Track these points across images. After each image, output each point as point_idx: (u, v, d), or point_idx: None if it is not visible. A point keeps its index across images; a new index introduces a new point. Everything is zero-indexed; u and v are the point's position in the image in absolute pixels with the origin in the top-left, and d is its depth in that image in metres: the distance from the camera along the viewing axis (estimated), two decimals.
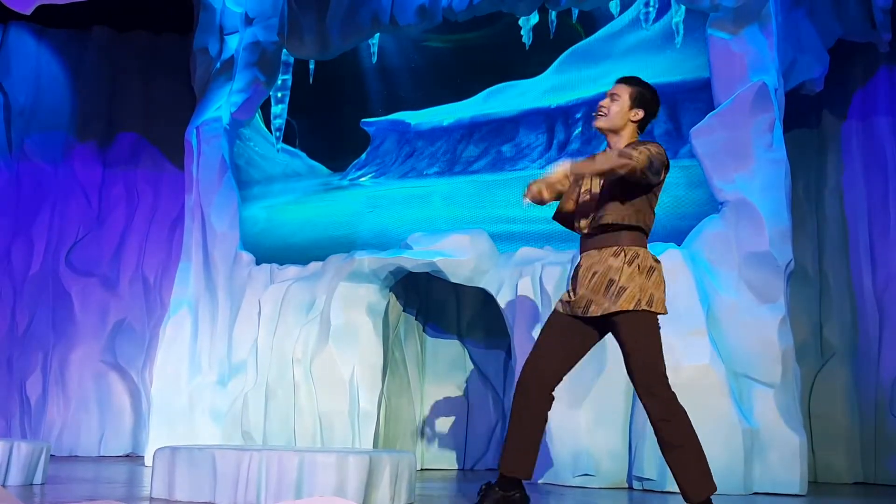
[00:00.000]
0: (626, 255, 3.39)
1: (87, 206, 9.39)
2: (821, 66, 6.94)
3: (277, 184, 8.60)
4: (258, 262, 7.74)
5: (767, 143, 6.04)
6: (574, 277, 3.57)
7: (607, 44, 7.30)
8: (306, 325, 7.00)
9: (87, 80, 9.64)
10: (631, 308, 3.35)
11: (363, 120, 8.29)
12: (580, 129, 7.29)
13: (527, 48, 7.64)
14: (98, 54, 9.73)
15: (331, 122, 8.50)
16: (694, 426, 3.49)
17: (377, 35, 8.16)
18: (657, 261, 3.47)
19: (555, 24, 7.52)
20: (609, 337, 5.76)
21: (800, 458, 5.57)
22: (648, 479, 5.56)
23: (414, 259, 6.73)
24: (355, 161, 8.31)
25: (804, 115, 7.46)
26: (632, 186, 3.42)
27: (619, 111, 3.52)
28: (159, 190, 9.58)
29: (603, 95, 3.66)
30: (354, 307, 6.88)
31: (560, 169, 3.36)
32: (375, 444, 6.62)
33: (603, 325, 3.56)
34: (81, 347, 8.92)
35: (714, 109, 6.17)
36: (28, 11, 6.35)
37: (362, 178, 8.25)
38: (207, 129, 8.13)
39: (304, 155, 8.62)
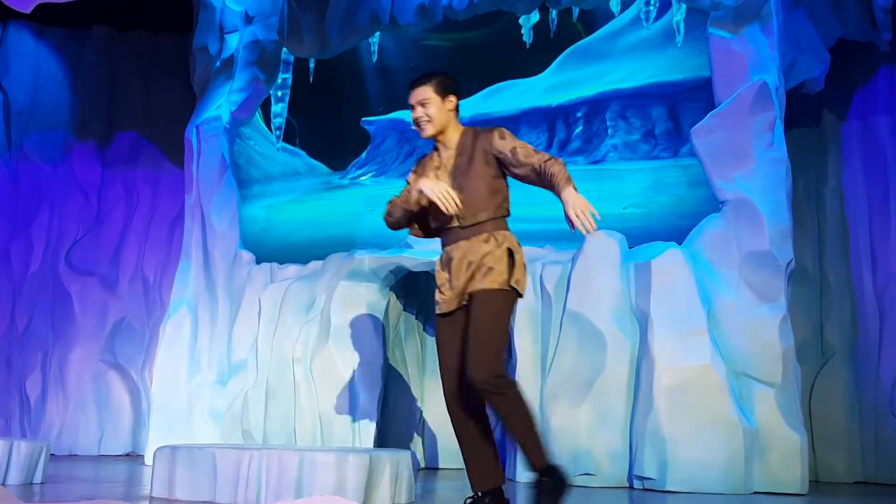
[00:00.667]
0: (496, 240, 3.44)
1: (87, 206, 9.38)
2: (821, 66, 6.93)
3: (277, 183, 8.59)
4: (258, 262, 7.73)
5: (768, 142, 6.04)
6: (446, 272, 3.50)
7: (608, 42, 7.29)
8: (306, 324, 6.99)
9: (86, 79, 9.63)
10: (496, 287, 3.36)
11: (363, 119, 8.28)
12: (581, 127, 7.27)
13: (527, 47, 7.63)
14: (97, 53, 9.72)
15: (331, 121, 8.49)
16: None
17: (377, 34, 8.15)
18: (520, 247, 3.53)
19: (555, 22, 7.51)
20: (611, 337, 5.77)
21: (800, 458, 5.57)
22: (649, 479, 5.56)
23: (414, 258, 6.72)
24: (355, 160, 8.30)
25: (804, 115, 7.45)
26: (496, 180, 3.53)
27: (437, 111, 3.55)
28: (159, 189, 9.57)
29: (604, 94, 3.69)
30: (354, 306, 6.87)
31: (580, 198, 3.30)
32: (375, 444, 6.61)
33: None
34: (81, 347, 8.91)
35: (715, 108, 6.17)
36: (28, 10, 6.34)
37: (362, 177, 8.24)
38: (207, 128, 8.12)
39: (304, 154, 8.61)
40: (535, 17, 7.57)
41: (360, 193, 8.16)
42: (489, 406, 3.39)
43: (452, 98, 3.57)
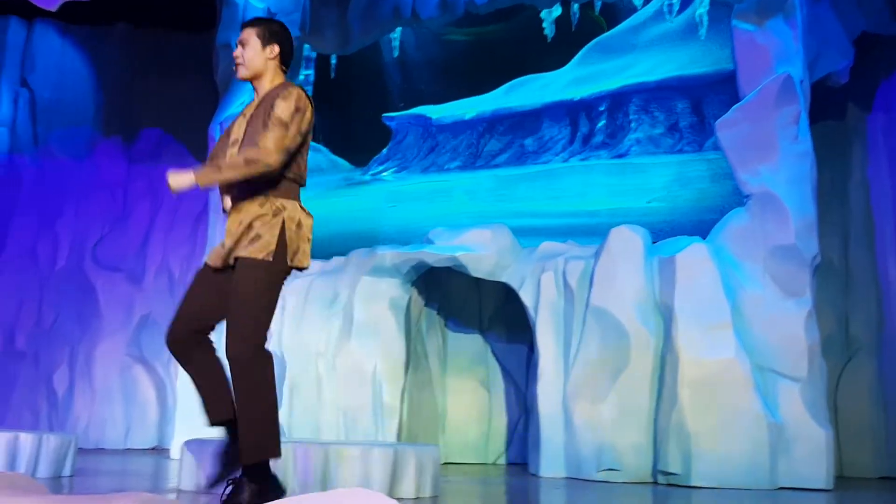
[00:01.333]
0: (271, 206, 3.19)
1: (112, 202, 9.48)
2: (845, 59, 6.86)
3: None
4: None
5: (793, 135, 5.98)
6: (227, 230, 3.32)
7: (630, 36, 7.25)
8: (329, 319, 7.03)
9: (109, 76, 9.73)
10: (260, 257, 3.14)
11: (384, 114, 8.30)
12: (604, 121, 7.25)
13: (549, 41, 7.61)
14: (120, 51, 9.81)
15: (352, 117, 8.52)
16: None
17: (398, 29, 8.16)
18: (308, 215, 3.33)
19: (577, 16, 7.48)
20: (635, 332, 5.75)
21: (826, 453, 5.53)
22: (673, 474, 5.54)
23: (436, 254, 6.74)
24: (377, 156, 8.32)
25: (829, 108, 7.37)
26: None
27: (254, 54, 3.33)
28: None
29: (627, 88, 3.62)
30: (376, 302, 6.90)
31: (186, 181, 3.11)
32: (398, 438, 6.63)
33: None
34: (107, 341, 9.00)
35: (739, 102, 6.12)
36: (54, 8, 6.40)
37: (384, 173, 8.26)
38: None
39: (326, 150, 8.64)
40: (556, 10, 7.54)
41: (382, 189, 8.18)
42: (238, 382, 3.12)
43: (275, 47, 3.34)
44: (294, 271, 3.28)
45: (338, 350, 6.89)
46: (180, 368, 7.95)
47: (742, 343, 5.66)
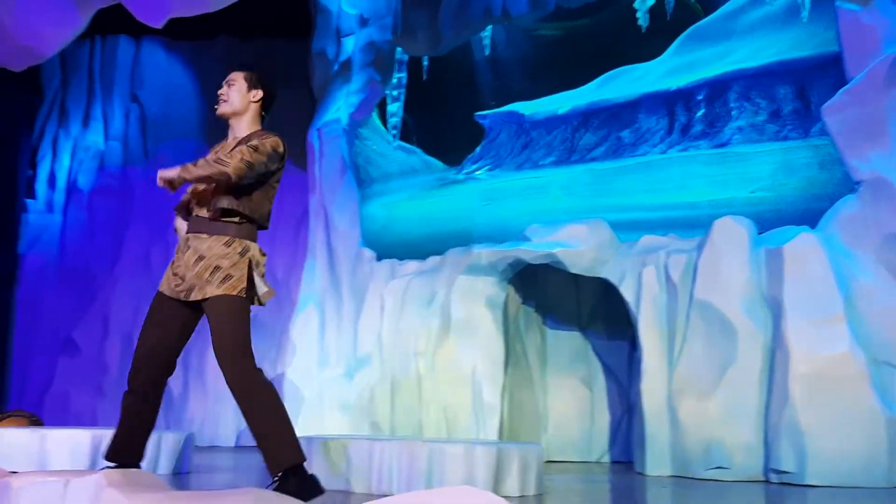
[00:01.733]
0: (238, 246, 3.38)
1: None
2: None
3: (395, 181, 8.76)
4: (379, 258, 7.91)
5: None
6: (181, 256, 3.43)
7: (728, 22, 7.03)
8: (427, 318, 7.10)
9: (212, 88, 10.08)
10: (234, 294, 3.32)
11: (477, 113, 8.32)
12: (703, 110, 7.05)
13: (643, 31, 7.46)
14: (222, 63, 10.18)
15: (445, 117, 8.58)
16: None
17: (489, 27, 8.17)
18: (263, 254, 3.50)
19: (672, 4, 7.31)
20: (742, 326, 5.57)
21: None
22: (786, 473, 5.35)
23: (532, 251, 6.71)
24: (470, 154, 8.35)
25: None
26: (253, 181, 3.42)
27: (238, 95, 3.54)
28: (283, 191, 9.83)
29: (726, 75, 3.55)
30: (474, 300, 6.92)
31: (171, 174, 3.32)
32: (500, 436, 6.64)
33: (200, 307, 3.44)
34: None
35: (846, 85, 5.85)
36: (160, 25, 6.70)
37: (477, 172, 8.28)
38: (328, 130, 8.37)
39: (420, 151, 8.73)
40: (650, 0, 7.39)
41: (476, 188, 8.21)
42: (245, 409, 3.32)
43: (259, 92, 3.57)
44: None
45: (437, 349, 6.95)
46: (287, 367, 8.17)
47: (856, 336, 5.40)
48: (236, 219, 3.39)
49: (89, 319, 9.85)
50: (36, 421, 6.51)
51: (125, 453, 3.39)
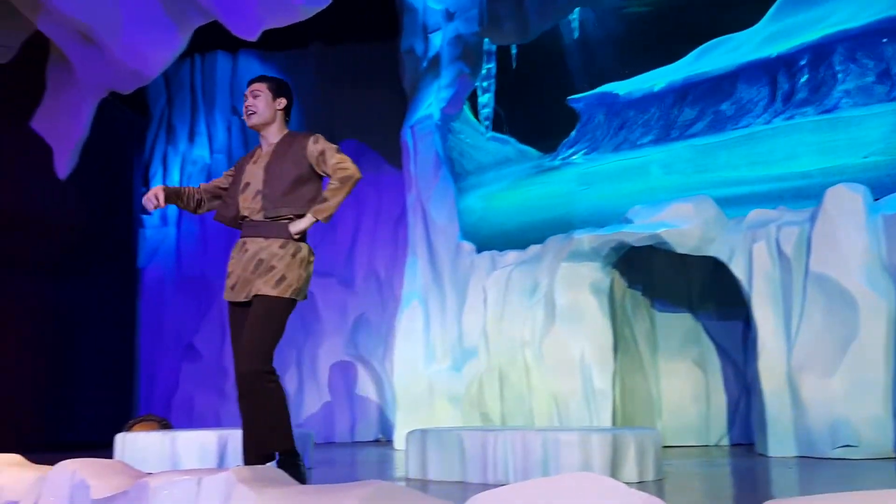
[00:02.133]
0: (292, 247, 3.54)
1: None
2: None
3: (490, 172, 8.76)
4: (479, 250, 7.93)
5: None
6: (238, 259, 3.58)
7: None
8: (532, 307, 7.07)
9: (307, 94, 10.37)
10: (286, 296, 3.50)
11: (570, 97, 8.22)
12: (806, 76, 6.74)
13: None
14: (315, 69, 10.43)
15: (537, 104, 8.52)
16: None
17: (576, 10, 8.05)
18: (312, 253, 3.66)
19: None
20: (863, 297, 5.32)
21: None
22: None
23: (636, 233, 6.57)
24: (565, 140, 8.26)
25: None
26: (306, 181, 3.60)
27: (265, 105, 3.69)
28: (381, 191, 10.11)
29: (829, 38, 3.40)
30: (578, 287, 6.84)
31: (306, 223, 3.55)
32: (613, 422, 6.56)
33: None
34: (327, 342, 9.62)
35: None
36: (254, 37, 6.90)
37: (574, 156, 8.18)
38: (421, 127, 8.44)
39: (513, 140, 8.70)
40: None
41: (573, 172, 8.11)
42: (248, 394, 3.47)
43: (283, 100, 3.76)
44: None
45: (543, 338, 6.91)
46: (395, 363, 8.33)
47: None
48: (288, 219, 3.57)
49: (208, 325, 10.29)
50: (165, 424, 6.85)
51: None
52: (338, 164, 3.59)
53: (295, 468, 3.43)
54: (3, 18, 7.86)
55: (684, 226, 6.37)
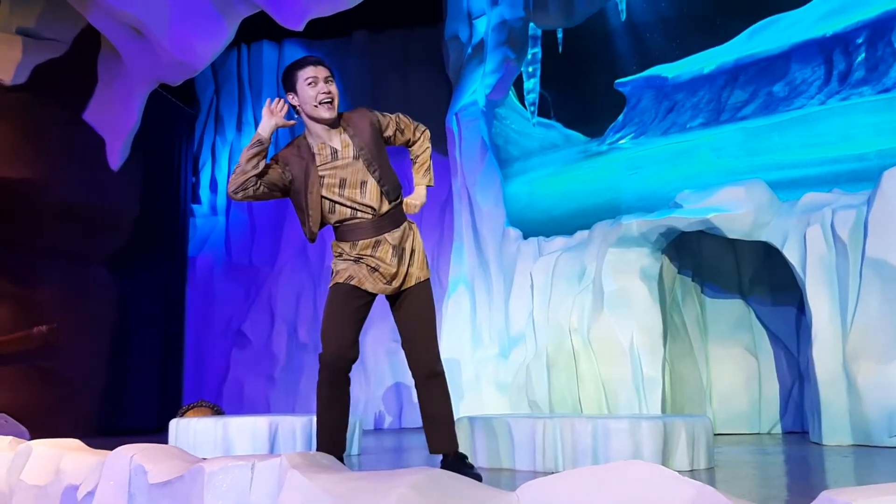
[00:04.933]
0: (413, 225, 3.52)
1: None
2: None
3: (536, 157, 8.70)
4: (525, 236, 7.89)
5: None
6: (381, 257, 3.39)
7: None
8: (579, 293, 7.01)
9: (354, 83, 10.41)
10: (428, 277, 3.51)
11: (617, 81, 8.11)
12: (863, 55, 6.54)
13: None
14: (359, 57, 10.45)
15: (583, 89, 8.42)
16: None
17: None
18: None
19: None
20: None
21: None
22: None
23: (686, 218, 6.47)
24: (612, 124, 8.16)
25: None
26: (388, 160, 3.47)
27: (337, 95, 3.48)
28: None
29: (888, 14, 3.27)
30: (626, 273, 6.77)
31: (423, 195, 3.58)
32: (663, 410, 6.49)
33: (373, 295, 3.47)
34: (374, 328, 9.68)
35: None
36: (301, 27, 6.95)
37: (621, 141, 8.08)
38: (465, 113, 8.42)
39: (559, 125, 8.62)
40: None
41: (621, 157, 8.01)
42: (437, 388, 3.43)
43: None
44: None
45: (591, 324, 6.85)
46: (443, 349, 8.33)
47: None
48: (399, 198, 3.48)
49: (256, 312, 10.44)
50: (217, 410, 6.98)
51: (342, 446, 3.49)
52: (417, 125, 3.57)
53: (470, 467, 3.38)
54: (56, 13, 8.04)
55: (735, 210, 6.25)
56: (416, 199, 3.52)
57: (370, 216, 3.39)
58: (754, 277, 7.02)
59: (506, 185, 8.38)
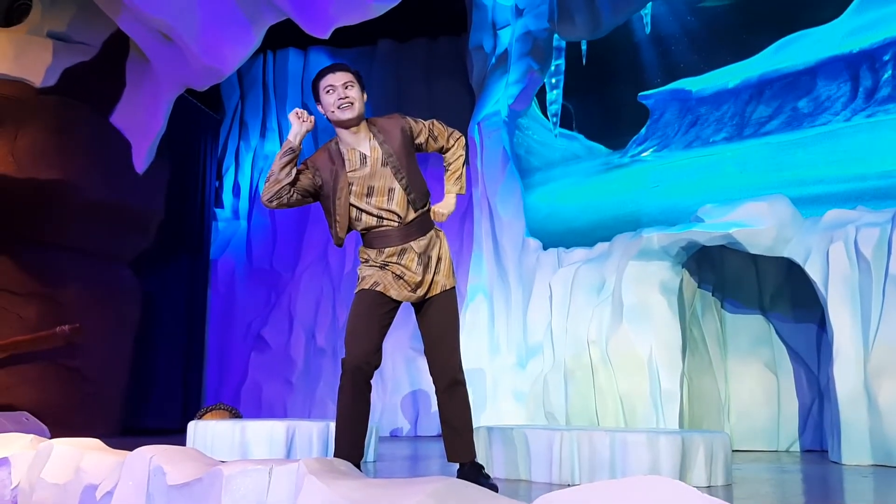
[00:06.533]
0: (440, 233, 3.51)
1: None
2: None
3: (557, 168, 8.70)
4: (545, 247, 7.89)
5: None
6: (399, 264, 3.38)
7: None
8: (598, 306, 6.99)
9: (376, 90, 10.47)
10: (454, 285, 3.50)
11: (641, 93, 8.10)
12: (890, 72, 6.49)
13: None
14: (384, 66, 10.51)
15: (606, 101, 8.42)
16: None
17: (649, 4, 7.92)
18: None
19: None
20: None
21: None
22: None
23: (707, 232, 6.44)
24: (635, 136, 8.15)
25: None
26: (418, 165, 3.46)
27: (359, 97, 3.42)
28: None
29: None
30: (646, 286, 6.74)
31: (453, 203, 3.53)
32: (681, 425, 6.45)
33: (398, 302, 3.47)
34: (392, 336, 9.66)
35: None
36: (326, 35, 7.01)
37: (644, 154, 8.06)
38: (488, 123, 8.44)
39: (581, 137, 8.62)
40: None
41: (643, 170, 7.99)
42: (457, 397, 3.44)
43: (365, 95, 3.51)
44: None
45: (609, 337, 6.83)
46: (462, 358, 8.30)
47: None
48: (427, 206, 3.47)
49: (276, 317, 10.50)
50: (235, 413, 7.02)
51: (359, 451, 3.46)
52: (452, 132, 3.56)
53: (486, 477, 3.38)
54: (87, 18, 8.16)
55: (758, 225, 6.21)
56: (443, 207, 3.49)
57: (396, 224, 3.39)
58: (775, 293, 6.97)
59: (526, 196, 8.38)
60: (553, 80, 8.68)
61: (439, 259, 3.44)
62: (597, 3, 7.82)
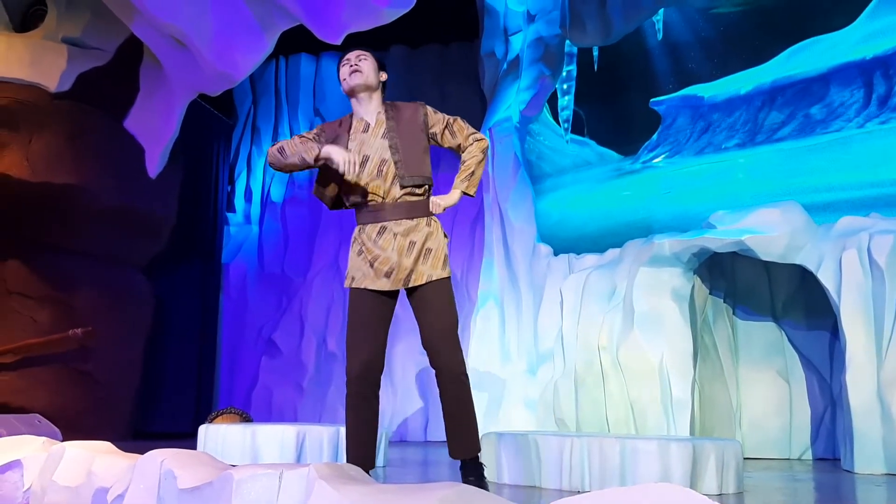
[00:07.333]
0: (436, 224, 3.39)
1: None
2: None
3: (568, 174, 8.69)
4: (556, 253, 7.88)
5: None
6: (384, 246, 3.31)
7: None
8: (609, 312, 6.97)
9: (388, 96, 10.49)
10: (447, 275, 3.36)
11: (652, 99, 8.09)
12: None
13: None
14: (396, 72, 10.53)
15: (618, 107, 8.41)
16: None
17: (661, 11, 7.92)
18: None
19: None
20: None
21: None
22: None
23: (719, 238, 6.42)
24: (647, 143, 8.13)
25: None
26: (427, 152, 3.38)
27: (371, 69, 3.42)
28: None
29: None
30: (658, 292, 6.72)
31: (455, 199, 3.41)
32: (692, 432, 6.42)
33: (395, 294, 3.40)
34: (403, 342, 9.71)
35: None
36: (338, 41, 7.03)
37: (655, 160, 8.05)
38: (499, 129, 8.44)
39: (593, 143, 8.62)
40: None
41: (654, 176, 7.98)
42: (455, 390, 3.32)
43: (384, 74, 3.53)
44: None
45: (620, 343, 6.81)
46: (471, 364, 8.30)
47: None
48: (424, 194, 3.40)
49: (287, 322, 10.53)
50: (246, 418, 7.04)
51: (372, 457, 3.44)
52: (473, 133, 3.49)
53: (481, 478, 3.35)
54: (101, 23, 8.22)
55: (770, 232, 6.18)
56: (442, 198, 3.37)
57: (380, 199, 3.36)
58: (788, 301, 6.93)
59: (537, 202, 8.38)
60: (564, 86, 8.68)
61: (428, 249, 3.34)
62: (608, 10, 7.82)
